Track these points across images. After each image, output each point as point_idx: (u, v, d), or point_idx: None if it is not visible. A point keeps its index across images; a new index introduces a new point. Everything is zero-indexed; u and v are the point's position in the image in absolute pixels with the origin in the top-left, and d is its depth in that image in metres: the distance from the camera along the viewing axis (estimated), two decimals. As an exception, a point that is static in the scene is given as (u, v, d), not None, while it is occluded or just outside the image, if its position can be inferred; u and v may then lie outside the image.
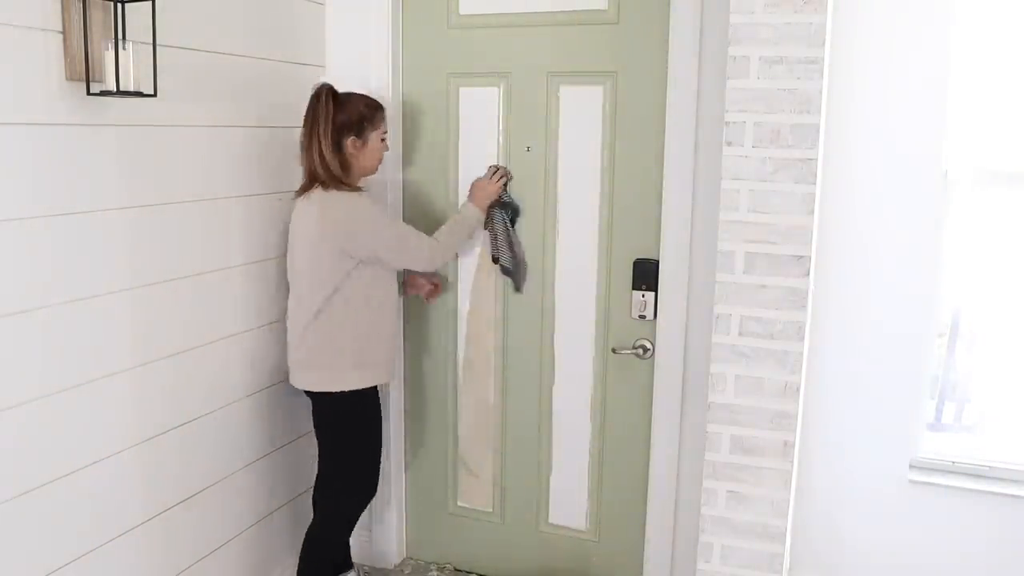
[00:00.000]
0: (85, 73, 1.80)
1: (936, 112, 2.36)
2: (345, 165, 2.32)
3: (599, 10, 2.46)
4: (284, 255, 2.59)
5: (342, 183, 2.30)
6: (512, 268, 2.63)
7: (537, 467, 2.79)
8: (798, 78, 1.91)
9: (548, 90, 2.56)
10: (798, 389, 2.02)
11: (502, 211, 2.61)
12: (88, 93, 1.82)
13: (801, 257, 1.97)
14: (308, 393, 2.41)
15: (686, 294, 2.46)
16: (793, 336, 2.00)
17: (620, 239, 2.55)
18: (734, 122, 1.97)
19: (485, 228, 2.63)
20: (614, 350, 2.59)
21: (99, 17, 1.82)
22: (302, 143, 2.34)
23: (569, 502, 2.77)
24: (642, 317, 2.55)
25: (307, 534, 2.50)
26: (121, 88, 1.81)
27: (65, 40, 1.79)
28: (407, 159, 2.76)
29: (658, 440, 2.56)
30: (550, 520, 2.81)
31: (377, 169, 2.43)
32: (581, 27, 2.49)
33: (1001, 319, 2.56)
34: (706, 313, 2.36)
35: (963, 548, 2.48)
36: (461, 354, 2.81)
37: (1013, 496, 2.44)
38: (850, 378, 2.52)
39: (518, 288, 2.69)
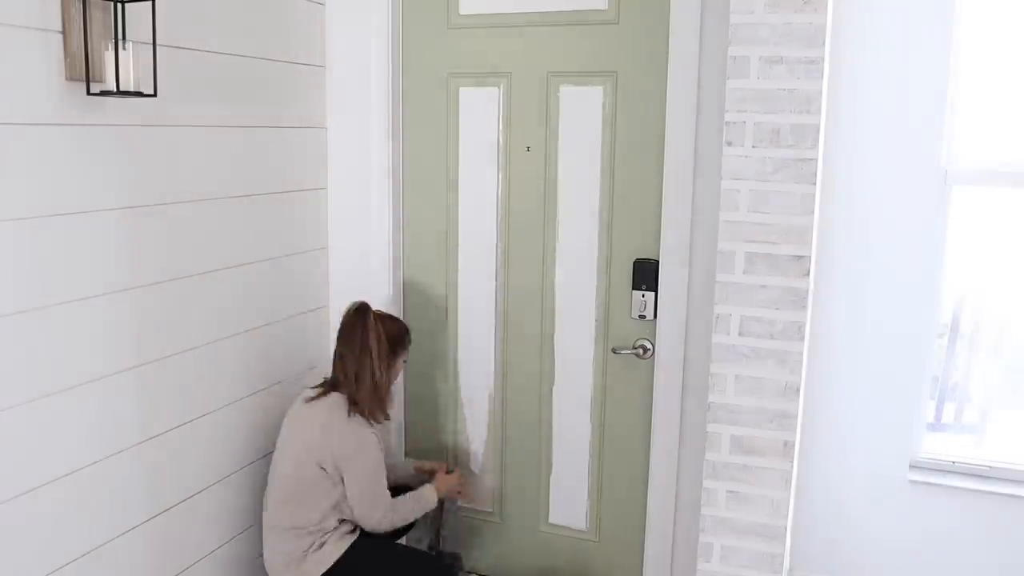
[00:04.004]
0: (85, 73, 1.80)
1: (936, 112, 2.36)
2: (383, 388, 2.31)
3: (599, 10, 2.46)
4: (284, 255, 2.59)
5: (379, 407, 2.30)
6: (450, 561, 2.65)
7: (537, 467, 2.79)
8: (798, 78, 1.91)
9: (548, 90, 2.56)
10: (798, 389, 2.02)
11: (450, 503, 2.67)
12: (88, 93, 1.82)
13: (801, 257, 1.97)
14: None
15: (686, 294, 2.46)
16: (793, 336, 2.00)
17: (620, 239, 2.55)
18: (734, 122, 1.97)
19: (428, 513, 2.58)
20: (614, 350, 2.59)
21: (99, 17, 1.82)
22: (344, 357, 2.30)
23: (569, 502, 2.77)
24: (642, 317, 2.55)
25: None
26: (121, 88, 1.81)
27: (65, 40, 1.79)
28: (407, 159, 2.76)
29: (658, 440, 2.56)
30: (550, 520, 2.81)
31: (390, 392, 2.39)
32: (581, 27, 2.49)
33: (1001, 319, 2.57)
34: (706, 313, 2.36)
35: (963, 548, 2.49)
36: (461, 353, 2.81)
37: (1013, 496, 2.44)
38: (850, 378, 2.52)
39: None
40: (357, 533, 2.36)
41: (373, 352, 2.28)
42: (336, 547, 2.30)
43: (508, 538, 2.87)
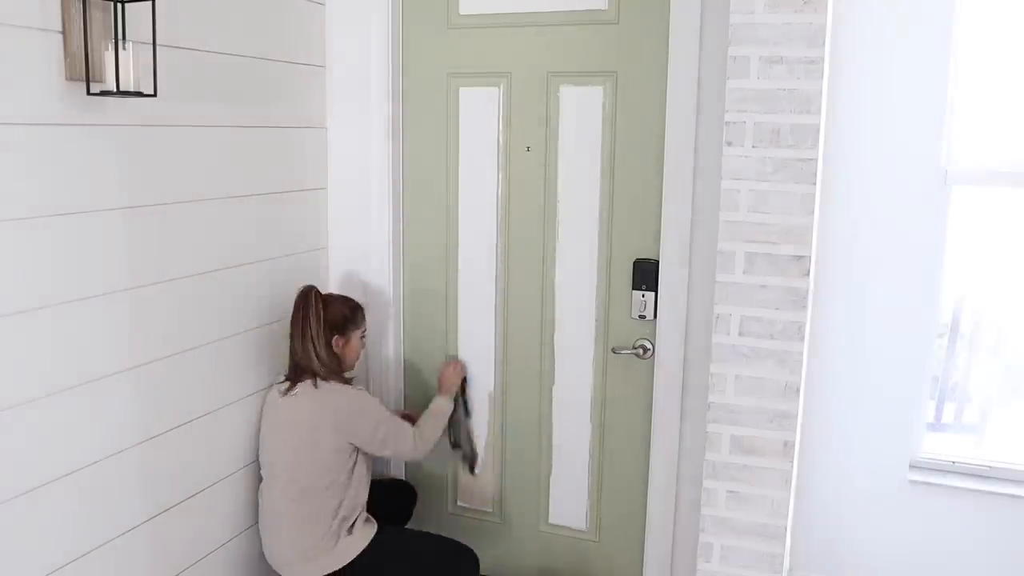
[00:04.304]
0: (85, 73, 1.80)
1: (936, 112, 2.36)
2: (337, 360, 2.40)
3: (599, 10, 2.46)
4: (284, 255, 2.59)
5: (338, 376, 2.39)
6: (468, 453, 2.78)
7: (537, 467, 2.79)
8: (798, 78, 1.91)
9: (548, 90, 2.56)
10: (798, 389, 2.02)
11: (462, 398, 2.75)
12: (88, 93, 1.82)
13: (801, 257, 1.97)
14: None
15: (686, 294, 2.46)
16: (793, 336, 2.00)
17: (620, 239, 2.55)
18: (734, 122, 1.97)
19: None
20: (614, 350, 2.59)
21: (99, 17, 1.81)
22: (292, 339, 2.39)
23: (569, 502, 2.77)
24: (642, 317, 2.55)
25: None
26: (121, 88, 1.81)
27: (65, 40, 1.79)
28: (407, 159, 2.76)
29: (658, 440, 2.56)
30: (550, 520, 2.81)
31: (355, 365, 2.50)
32: (581, 27, 2.49)
33: (1001, 319, 2.56)
34: (706, 313, 2.36)
35: (963, 548, 2.48)
36: (461, 353, 2.81)
37: (1013, 496, 2.44)
38: (850, 378, 2.52)
39: (471, 471, 2.82)
40: (376, 526, 2.42)
41: (312, 334, 2.35)
42: (365, 531, 2.37)
43: (508, 538, 2.87)
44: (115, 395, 2.04)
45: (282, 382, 2.42)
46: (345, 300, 2.48)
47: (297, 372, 2.39)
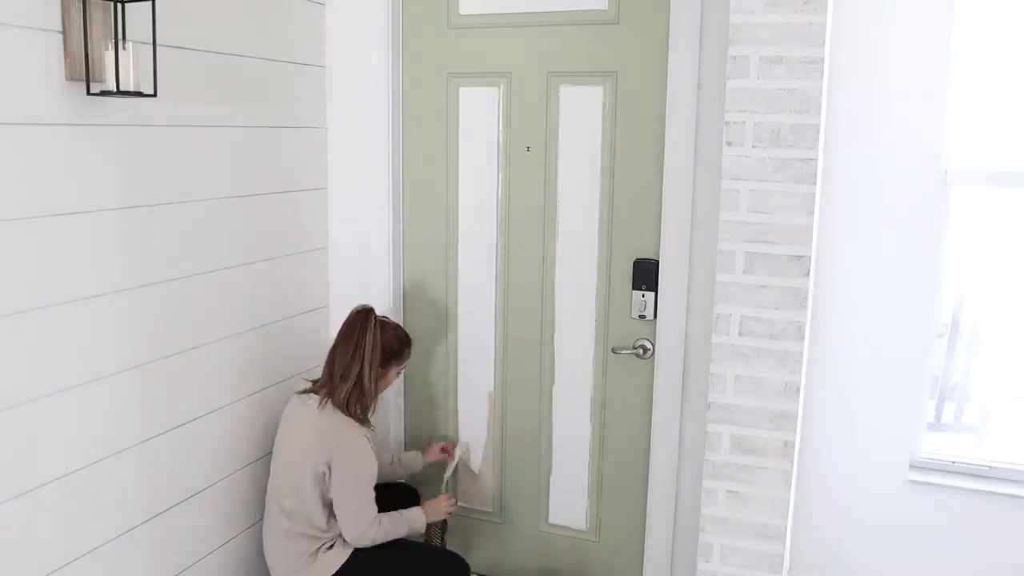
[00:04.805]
0: (85, 73, 1.80)
1: (936, 112, 2.36)
2: (372, 389, 2.32)
3: (599, 10, 2.46)
4: (284, 255, 2.59)
5: (361, 411, 2.29)
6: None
7: (537, 467, 2.79)
8: (798, 78, 1.91)
9: (548, 90, 2.56)
10: (798, 389, 2.02)
11: (440, 529, 2.63)
12: (88, 93, 1.82)
13: (801, 257, 1.97)
14: None
15: (686, 294, 2.46)
16: (793, 336, 2.00)
17: (620, 239, 2.55)
18: (734, 122, 1.97)
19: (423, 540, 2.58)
20: (614, 350, 2.59)
21: (99, 17, 1.82)
22: (337, 354, 2.31)
23: (569, 502, 2.77)
24: (642, 317, 2.55)
25: None
26: (121, 88, 1.81)
27: (65, 40, 1.79)
28: (407, 159, 2.76)
29: (658, 440, 2.56)
30: (550, 520, 2.81)
31: (378, 395, 2.40)
32: (581, 27, 2.49)
33: (1001, 319, 2.56)
34: (706, 313, 2.36)
35: (963, 548, 2.48)
36: (461, 353, 2.81)
37: (1013, 496, 2.44)
38: (850, 378, 2.52)
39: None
40: None
41: (365, 356, 2.29)
42: (347, 547, 2.31)
43: (508, 538, 2.87)
44: (115, 395, 2.04)
45: (305, 387, 2.38)
46: (397, 332, 2.40)
47: (321, 384, 2.34)
